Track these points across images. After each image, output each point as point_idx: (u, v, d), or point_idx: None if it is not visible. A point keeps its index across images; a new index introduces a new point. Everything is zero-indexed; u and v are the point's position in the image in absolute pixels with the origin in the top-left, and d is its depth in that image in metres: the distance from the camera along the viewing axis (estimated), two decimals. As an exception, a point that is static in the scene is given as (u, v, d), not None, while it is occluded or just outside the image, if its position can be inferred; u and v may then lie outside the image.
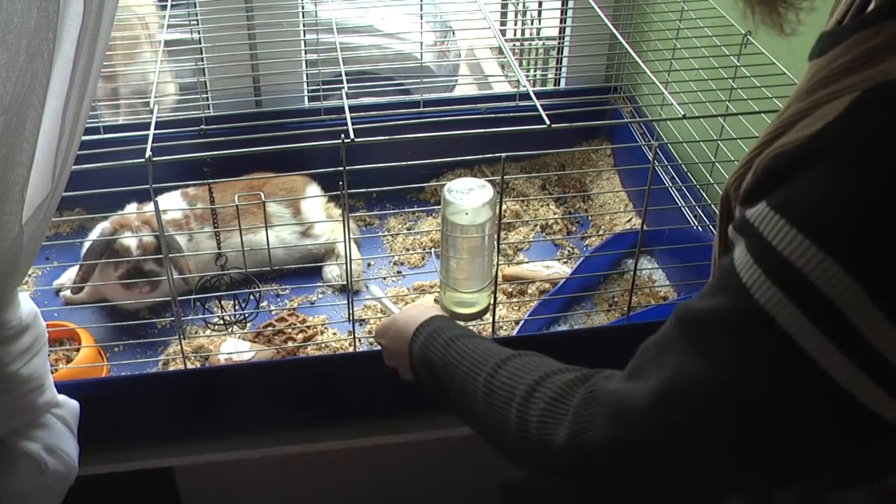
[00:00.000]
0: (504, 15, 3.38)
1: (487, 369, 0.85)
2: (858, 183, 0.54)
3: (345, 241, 1.24)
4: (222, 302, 1.48)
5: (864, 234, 0.54)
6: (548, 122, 1.11)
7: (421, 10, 1.94)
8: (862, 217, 0.54)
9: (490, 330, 1.33)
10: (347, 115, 1.11)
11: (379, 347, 1.13)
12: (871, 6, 0.66)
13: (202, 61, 1.77)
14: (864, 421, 0.57)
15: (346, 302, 1.40)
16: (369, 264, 1.66)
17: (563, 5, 2.01)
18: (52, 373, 1.13)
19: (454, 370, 0.90)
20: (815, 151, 0.56)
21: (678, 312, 0.66)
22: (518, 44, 2.80)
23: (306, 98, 1.92)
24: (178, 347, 1.34)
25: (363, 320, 1.49)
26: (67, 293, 1.53)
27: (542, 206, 1.79)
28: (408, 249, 1.68)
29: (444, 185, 1.24)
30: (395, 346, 1.05)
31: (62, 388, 1.12)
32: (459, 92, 3.40)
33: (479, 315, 1.31)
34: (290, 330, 1.44)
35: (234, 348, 1.37)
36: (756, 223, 0.59)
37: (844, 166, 0.55)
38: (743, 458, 0.62)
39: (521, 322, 1.43)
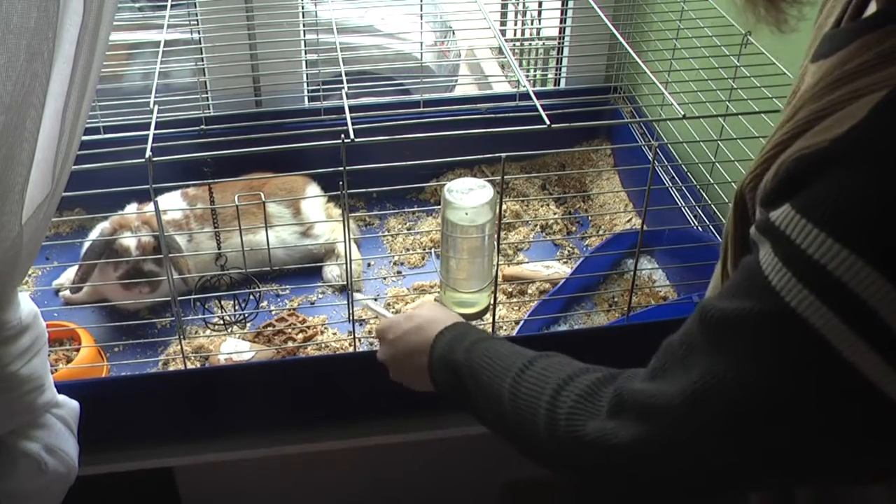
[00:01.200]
0: (504, 15, 3.38)
1: (515, 369, 0.86)
2: (886, 183, 0.54)
3: (345, 241, 1.24)
4: (222, 302, 1.48)
5: (894, 233, 0.54)
6: (548, 122, 1.11)
7: (421, 10, 1.94)
8: (891, 217, 0.54)
9: (490, 330, 1.33)
10: (347, 115, 1.11)
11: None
12: (873, 7, 0.66)
13: (202, 61, 1.77)
14: (894, 419, 0.57)
15: (346, 302, 1.40)
16: (369, 264, 1.66)
17: (563, 5, 2.01)
18: (52, 373, 1.13)
19: (480, 371, 0.91)
20: (840, 154, 0.56)
21: (701, 313, 0.66)
22: (518, 44, 2.80)
23: (306, 98, 1.92)
24: (178, 347, 1.34)
25: (363, 320, 1.49)
26: (67, 293, 1.53)
27: (542, 206, 1.79)
28: (408, 249, 1.68)
29: (444, 185, 1.24)
30: (409, 341, 1.04)
31: (62, 388, 1.12)
32: (459, 92, 3.40)
33: (479, 315, 1.31)
34: (290, 330, 1.44)
35: (234, 348, 1.37)
36: (781, 226, 0.59)
37: (872, 168, 0.55)
38: (768, 457, 0.63)
39: (521, 322, 1.43)
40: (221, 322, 1.44)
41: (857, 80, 0.60)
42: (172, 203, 1.58)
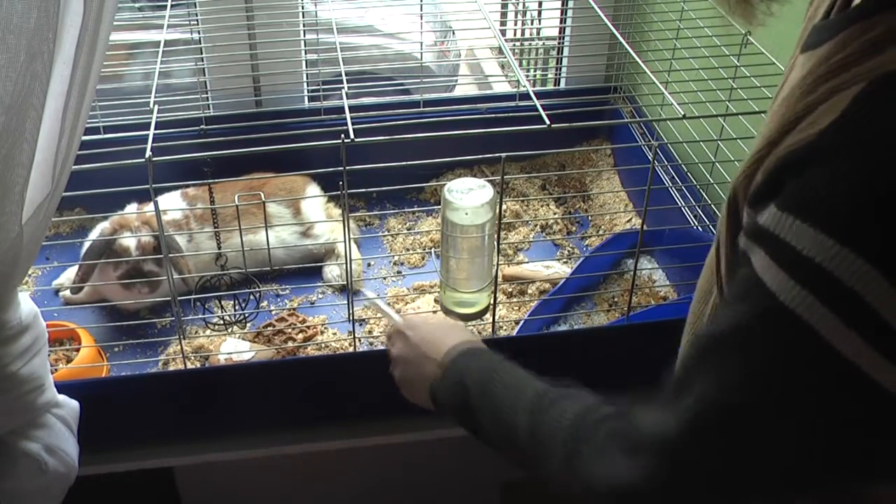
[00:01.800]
0: (504, 15, 3.38)
1: (529, 405, 0.84)
2: (869, 173, 0.54)
3: (345, 241, 1.24)
4: (222, 302, 1.48)
5: (879, 222, 0.54)
6: (548, 122, 1.11)
7: (421, 10, 1.94)
8: (875, 206, 0.54)
9: (490, 330, 1.33)
10: (347, 115, 1.11)
11: (382, 346, 1.12)
12: None
13: (202, 61, 1.77)
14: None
15: (346, 302, 1.40)
16: (369, 264, 1.66)
17: (563, 5, 2.01)
18: (52, 373, 1.13)
19: (491, 399, 0.90)
20: (823, 147, 0.57)
21: (698, 342, 0.65)
22: (518, 44, 2.80)
23: (306, 98, 1.92)
24: (178, 347, 1.34)
25: (363, 320, 1.49)
26: (67, 293, 1.53)
27: (542, 206, 1.79)
28: (408, 249, 1.68)
29: (444, 185, 1.24)
30: (423, 347, 1.04)
31: (62, 388, 1.12)
32: (459, 92, 3.40)
33: (479, 315, 1.31)
34: (290, 330, 1.44)
35: (234, 348, 1.37)
36: (770, 227, 0.59)
37: (854, 159, 0.55)
38: (774, 466, 0.62)
39: (521, 322, 1.42)
40: (221, 322, 1.44)
41: (841, 75, 0.61)
42: (172, 203, 1.58)
